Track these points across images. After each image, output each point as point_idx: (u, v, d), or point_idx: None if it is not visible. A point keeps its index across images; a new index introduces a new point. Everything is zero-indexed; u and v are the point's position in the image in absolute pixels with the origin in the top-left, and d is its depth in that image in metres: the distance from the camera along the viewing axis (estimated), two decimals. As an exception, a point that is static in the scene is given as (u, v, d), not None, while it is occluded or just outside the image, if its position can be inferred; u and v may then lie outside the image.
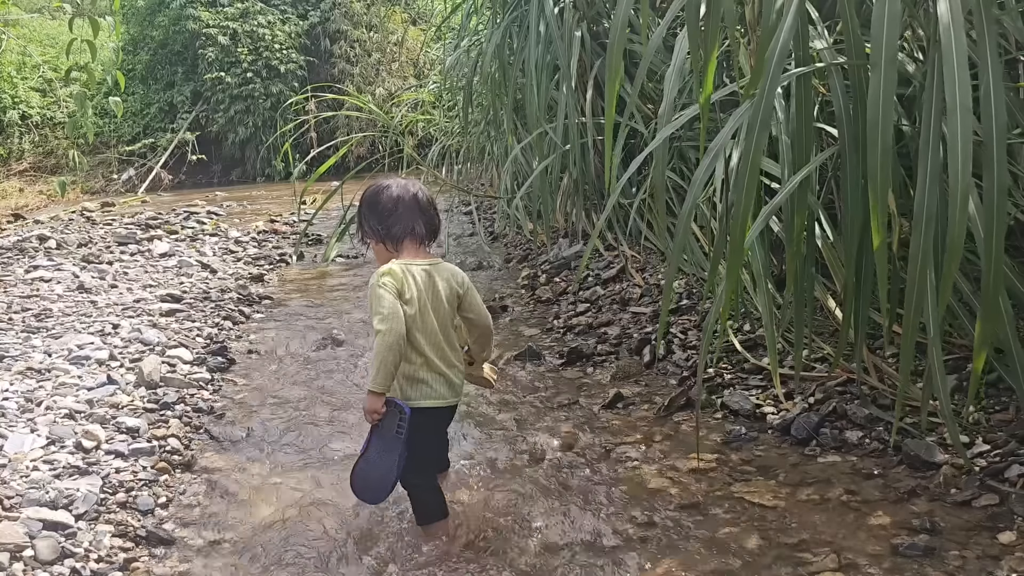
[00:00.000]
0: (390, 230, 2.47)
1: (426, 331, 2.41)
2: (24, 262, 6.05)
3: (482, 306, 2.56)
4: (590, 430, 3.06)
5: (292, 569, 2.32)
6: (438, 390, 2.44)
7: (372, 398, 2.34)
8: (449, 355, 2.46)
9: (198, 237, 7.42)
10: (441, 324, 2.44)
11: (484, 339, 2.61)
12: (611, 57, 2.52)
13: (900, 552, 2.09)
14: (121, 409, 3.29)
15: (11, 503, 2.47)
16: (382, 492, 2.41)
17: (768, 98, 2.25)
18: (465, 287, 2.50)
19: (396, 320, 2.30)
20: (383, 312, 2.30)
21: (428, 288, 2.42)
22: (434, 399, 2.43)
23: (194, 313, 4.84)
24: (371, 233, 2.52)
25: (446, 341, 2.46)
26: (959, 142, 1.89)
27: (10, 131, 12.56)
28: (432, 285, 2.43)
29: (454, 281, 2.48)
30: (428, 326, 2.41)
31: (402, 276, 2.38)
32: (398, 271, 2.38)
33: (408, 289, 2.38)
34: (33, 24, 13.59)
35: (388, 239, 2.48)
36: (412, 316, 2.37)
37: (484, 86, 6.33)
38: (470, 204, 7.67)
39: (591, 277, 4.84)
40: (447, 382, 2.45)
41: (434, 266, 2.47)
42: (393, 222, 2.47)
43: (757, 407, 3.03)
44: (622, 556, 2.23)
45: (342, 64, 13.93)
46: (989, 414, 2.62)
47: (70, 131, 7.09)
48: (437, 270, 2.46)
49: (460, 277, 2.50)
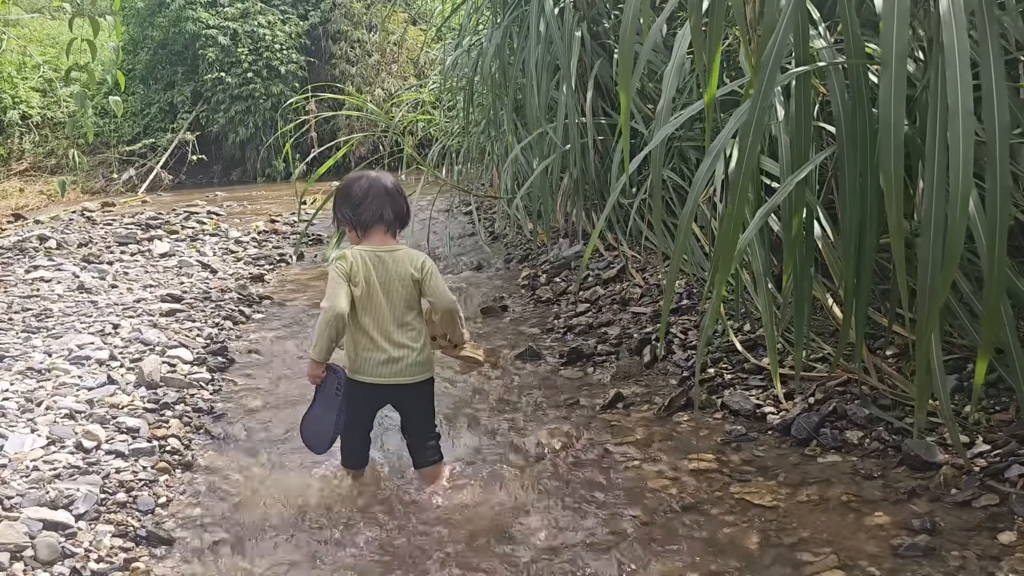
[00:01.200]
0: (360, 217, 2.68)
1: (374, 313, 2.64)
2: (24, 262, 6.05)
3: (443, 290, 2.71)
4: (590, 430, 3.06)
5: (292, 569, 2.31)
6: (372, 369, 2.65)
7: (312, 364, 2.66)
8: (396, 336, 2.66)
9: (198, 237, 7.42)
10: (393, 307, 2.65)
11: (449, 320, 2.76)
12: (623, 59, 2.52)
13: (900, 552, 2.09)
14: (121, 409, 3.28)
15: (11, 503, 2.47)
16: (324, 443, 2.73)
17: (765, 98, 2.25)
18: (425, 271, 2.67)
19: (337, 297, 2.56)
20: (328, 289, 2.59)
21: (381, 272, 2.64)
22: (371, 376, 2.66)
23: (194, 313, 4.85)
24: (343, 220, 2.73)
25: (395, 323, 2.66)
26: (960, 146, 1.89)
27: (10, 131, 12.56)
28: (386, 270, 2.64)
29: (412, 266, 2.66)
30: (377, 308, 2.64)
31: (352, 260, 2.62)
32: (350, 256, 2.63)
33: (356, 273, 2.61)
34: (33, 24, 13.59)
35: (358, 226, 2.70)
36: (360, 297, 2.62)
37: (484, 86, 6.34)
38: (470, 204, 7.67)
39: (591, 277, 4.84)
40: (389, 362, 2.65)
41: (392, 252, 2.67)
42: (363, 210, 2.68)
43: (757, 407, 3.03)
44: (622, 556, 2.23)
45: (342, 64, 13.93)
46: (989, 414, 2.62)
47: (70, 130, 7.09)
48: (394, 256, 2.66)
49: (420, 262, 2.67)
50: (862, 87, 2.37)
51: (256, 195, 11.25)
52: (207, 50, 13.24)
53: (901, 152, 2.01)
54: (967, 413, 2.64)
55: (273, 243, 7.49)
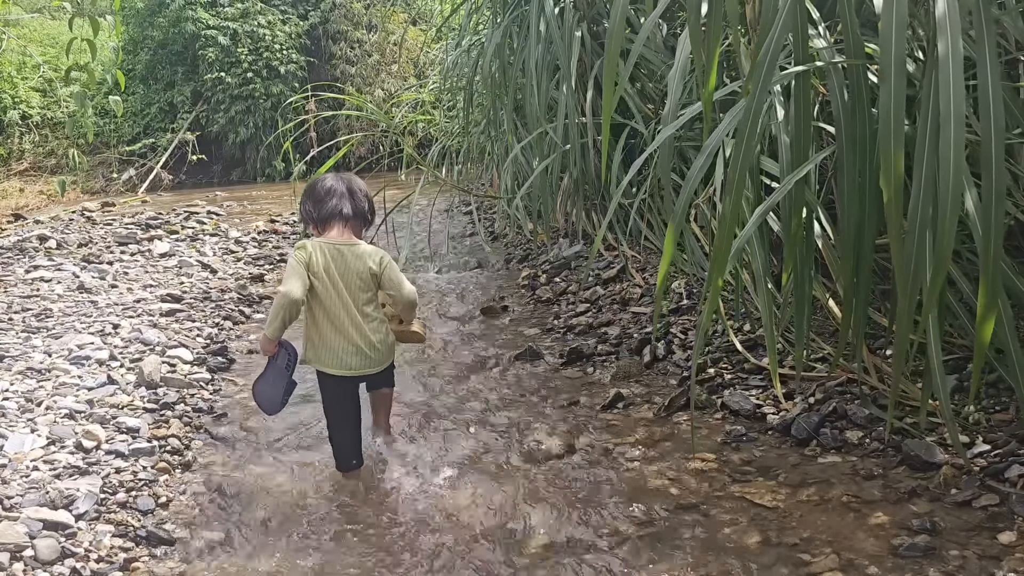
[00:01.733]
0: (320, 212, 2.84)
1: (333, 304, 2.78)
2: (24, 262, 6.04)
3: (402, 282, 2.86)
4: (590, 430, 3.06)
5: (292, 569, 2.31)
6: (342, 362, 2.81)
7: (265, 340, 2.83)
8: (357, 327, 2.80)
9: (198, 237, 7.42)
10: (352, 298, 2.79)
11: (407, 311, 2.95)
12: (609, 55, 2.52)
13: (900, 552, 2.09)
14: (121, 409, 3.29)
15: (11, 503, 2.47)
16: (274, 408, 2.93)
17: (760, 98, 2.25)
18: (383, 266, 2.82)
19: (292, 282, 2.70)
20: (286, 275, 2.74)
21: (340, 265, 2.78)
22: (336, 369, 2.81)
23: (194, 313, 4.85)
24: (306, 216, 2.89)
25: (356, 314, 2.79)
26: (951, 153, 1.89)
27: (10, 131, 12.56)
28: (344, 262, 2.79)
29: (371, 260, 2.81)
30: (336, 300, 2.77)
31: (311, 250, 2.76)
32: (309, 246, 2.77)
33: (316, 263, 2.75)
34: (33, 24, 13.59)
35: (318, 221, 2.85)
36: (319, 288, 2.76)
37: (484, 86, 6.33)
38: (470, 204, 7.67)
39: (591, 277, 4.85)
40: (354, 361, 2.81)
41: (350, 246, 2.82)
42: (323, 205, 2.84)
43: (757, 407, 3.03)
44: (622, 556, 2.23)
45: (342, 65, 13.93)
46: (989, 414, 2.62)
47: (70, 130, 7.08)
48: (352, 250, 2.81)
49: (378, 257, 2.83)
50: (862, 87, 2.37)
51: (256, 195, 11.25)
52: (207, 50, 13.25)
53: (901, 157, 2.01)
54: (967, 413, 2.64)
55: (273, 243, 7.49)
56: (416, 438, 3.13)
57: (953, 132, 1.88)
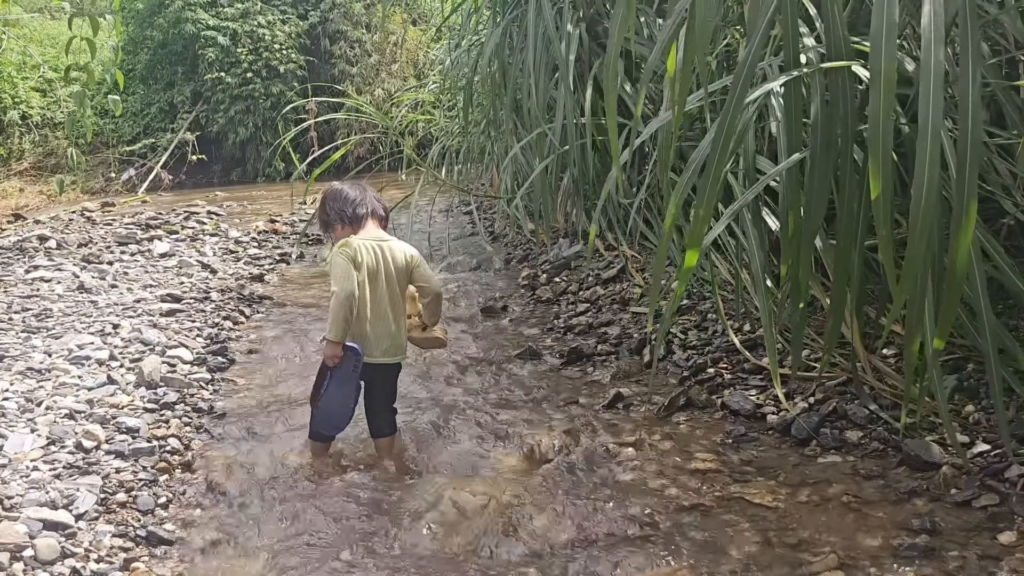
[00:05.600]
0: (355, 211, 2.93)
1: (375, 297, 2.85)
2: (24, 262, 6.04)
3: (432, 276, 3.00)
4: (590, 430, 3.06)
5: (292, 569, 2.31)
6: (372, 350, 2.85)
7: (331, 346, 2.80)
8: (391, 322, 2.89)
9: (198, 237, 7.42)
10: (391, 292, 2.89)
11: (435, 304, 3.02)
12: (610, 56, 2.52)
13: (900, 552, 2.09)
14: (121, 409, 3.29)
15: (11, 503, 2.47)
16: (344, 420, 2.91)
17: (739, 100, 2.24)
18: (416, 260, 2.94)
19: (348, 281, 2.75)
20: (337, 274, 2.77)
21: (381, 259, 2.86)
22: (366, 357, 2.84)
23: (194, 313, 4.85)
24: (337, 217, 2.95)
25: (392, 308, 2.89)
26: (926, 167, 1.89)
27: (10, 131, 12.56)
28: (385, 257, 2.88)
29: (406, 254, 2.92)
30: (378, 292, 2.85)
31: (356, 247, 2.82)
32: (353, 243, 2.83)
33: (360, 257, 2.81)
34: (33, 24, 13.59)
35: (352, 220, 2.93)
36: (362, 282, 2.81)
37: (484, 86, 6.33)
38: (470, 204, 7.67)
39: (591, 277, 4.84)
40: (384, 345, 2.88)
41: (387, 242, 2.92)
42: (358, 205, 2.94)
43: (757, 407, 3.03)
44: (622, 556, 2.23)
45: (342, 64, 13.93)
46: (989, 414, 2.62)
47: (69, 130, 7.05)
48: (390, 245, 2.92)
49: (411, 251, 2.95)
50: (847, 90, 2.36)
51: (256, 195, 11.25)
52: (207, 50, 13.24)
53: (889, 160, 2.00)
54: (967, 412, 2.64)
55: (273, 243, 7.49)
56: (416, 438, 3.13)
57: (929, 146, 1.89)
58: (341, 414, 2.90)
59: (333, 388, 2.84)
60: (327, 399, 2.86)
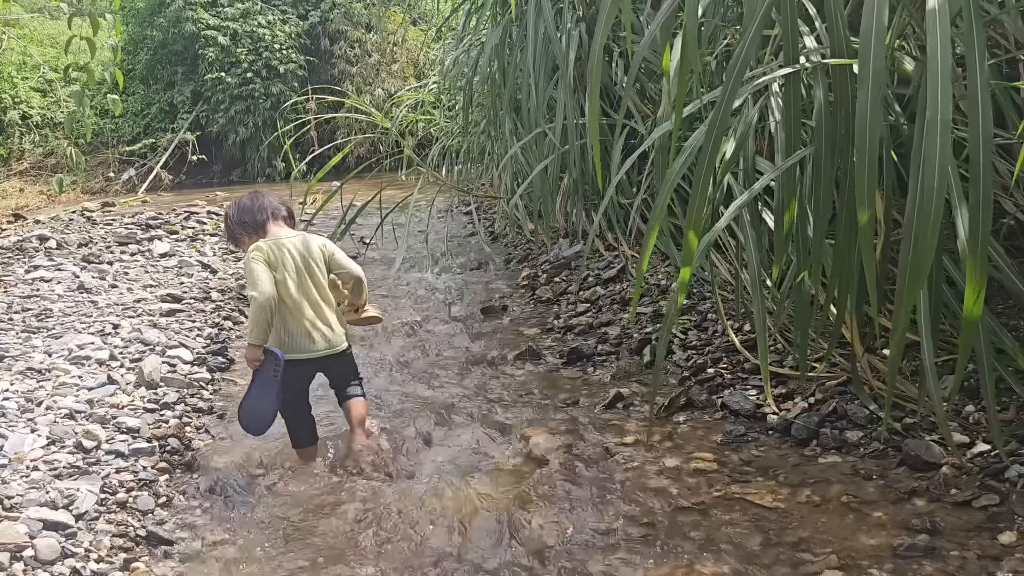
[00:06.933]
0: (255, 218, 2.99)
1: (300, 293, 2.89)
2: (24, 262, 6.04)
3: (349, 261, 3.04)
4: (590, 430, 3.06)
5: (292, 570, 2.31)
6: (305, 345, 2.90)
7: (251, 349, 2.85)
8: (325, 313, 2.94)
9: (198, 237, 7.42)
10: (316, 284, 2.93)
11: (357, 288, 3.07)
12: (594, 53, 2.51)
13: (900, 552, 2.09)
14: (121, 409, 3.28)
15: (11, 503, 2.47)
16: (264, 424, 2.91)
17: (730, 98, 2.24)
18: (330, 249, 3.00)
19: (265, 283, 2.80)
20: (253, 279, 2.81)
21: (296, 255, 2.91)
22: (300, 353, 2.89)
23: (194, 313, 4.85)
24: (241, 229, 3.00)
25: (322, 299, 2.94)
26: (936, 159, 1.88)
27: (10, 131, 12.56)
28: (300, 252, 2.92)
29: (319, 245, 2.97)
30: (303, 288, 2.90)
31: (267, 249, 2.87)
32: (264, 246, 2.89)
33: (274, 257, 2.87)
34: (33, 24, 13.58)
35: (256, 227, 2.98)
36: (282, 281, 2.86)
37: (484, 86, 6.33)
38: (470, 204, 7.67)
39: (591, 277, 4.84)
40: (316, 338, 2.91)
41: (294, 237, 2.96)
42: (256, 212, 2.99)
43: (757, 407, 3.03)
44: (622, 556, 2.23)
45: (342, 64, 13.94)
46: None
47: (68, 129, 7.03)
48: (303, 239, 2.97)
49: (323, 241, 3.01)
50: (848, 89, 2.36)
51: (256, 195, 11.23)
52: (207, 50, 13.25)
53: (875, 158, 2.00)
54: (967, 412, 2.64)
55: (273, 243, 7.48)
56: (417, 438, 3.13)
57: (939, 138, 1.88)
58: (256, 422, 2.91)
59: (254, 392, 2.89)
60: (249, 401, 2.89)
